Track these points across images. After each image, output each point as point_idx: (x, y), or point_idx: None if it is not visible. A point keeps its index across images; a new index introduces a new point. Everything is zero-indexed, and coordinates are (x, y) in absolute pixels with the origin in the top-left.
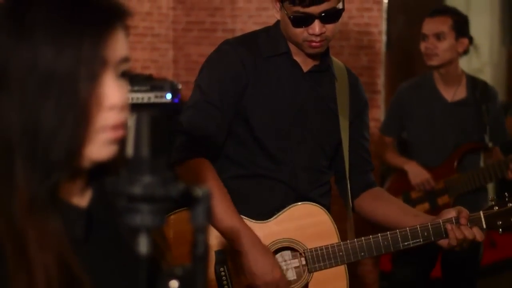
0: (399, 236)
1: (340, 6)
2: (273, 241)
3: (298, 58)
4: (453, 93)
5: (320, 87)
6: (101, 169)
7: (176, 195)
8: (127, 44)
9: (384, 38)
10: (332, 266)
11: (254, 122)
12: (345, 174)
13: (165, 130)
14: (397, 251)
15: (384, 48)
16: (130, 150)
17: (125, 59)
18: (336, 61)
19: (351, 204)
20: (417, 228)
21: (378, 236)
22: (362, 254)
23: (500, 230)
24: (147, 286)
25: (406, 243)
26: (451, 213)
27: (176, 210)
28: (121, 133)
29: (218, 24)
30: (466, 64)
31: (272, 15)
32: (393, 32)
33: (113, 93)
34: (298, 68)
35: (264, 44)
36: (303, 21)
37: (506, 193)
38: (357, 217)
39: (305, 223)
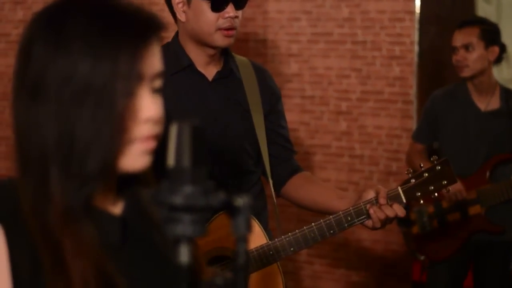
0: (324, 226)
1: None
2: (205, 252)
3: (202, 68)
4: (487, 103)
5: (229, 92)
6: (131, 177)
7: (217, 204)
8: (161, 58)
9: (416, 48)
10: (265, 266)
11: None
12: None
13: (205, 140)
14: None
15: (416, 58)
16: (171, 160)
17: (160, 74)
18: (240, 59)
19: (275, 200)
20: (340, 215)
21: (304, 229)
22: (292, 249)
23: (421, 201)
24: None
25: (332, 231)
26: (370, 194)
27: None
28: (154, 145)
29: (249, 35)
30: (497, 74)
31: (304, 25)
32: (425, 42)
33: (148, 107)
34: (203, 78)
35: (167, 61)
36: (220, 3)
37: (421, 164)
38: None
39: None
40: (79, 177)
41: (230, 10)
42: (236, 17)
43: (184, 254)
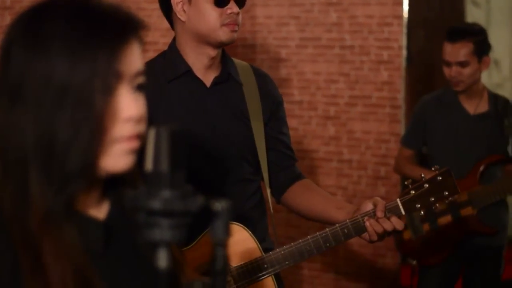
0: (320, 239)
1: None
2: (199, 264)
3: (200, 74)
4: (475, 107)
5: (228, 98)
6: (117, 180)
7: (195, 209)
8: (142, 57)
9: (404, 52)
10: (259, 280)
11: None
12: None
13: (184, 144)
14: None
15: (404, 62)
16: (149, 164)
17: (141, 72)
18: (240, 63)
19: (271, 210)
20: (337, 228)
21: (300, 243)
22: (287, 262)
23: (422, 212)
24: None
25: (328, 244)
26: (368, 206)
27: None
28: (136, 144)
29: (238, 40)
30: (487, 78)
31: (292, 30)
32: (413, 47)
33: (128, 106)
34: (201, 84)
35: (164, 69)
36: (224, 0)
37: (422, 174)
38: None
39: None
40: (59, 179)
41: (232, 7)
42: (238, 13)
43: (162, 259)
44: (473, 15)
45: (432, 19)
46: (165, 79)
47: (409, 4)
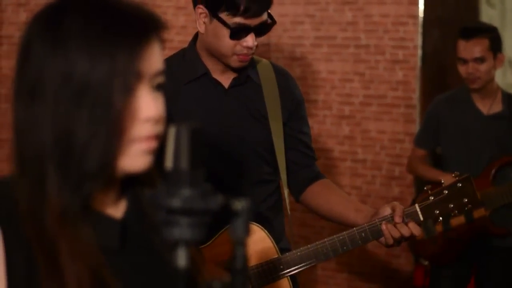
0: (337, 242)
1: (269, 20)
2: (218, 262)
3: (218, 76)
4: (489, 107)
5: (246, 99)
6: (135, 180)
7: (215, 208)
8: (162, 57)
9: (419, 52)
10: (275, 281)
11: None
12: (287, 175)
13: (203, 143)
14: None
15: (419, 62)
16: (169, 162)
17: (161, 72)
18: (261, 61)
19: (289, 210)
20: (354, 231)
21: (316, 245)
22: (303, 264)
23: (440, 218)
24: None
25: (345, 248)
26: (386, 211)
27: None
28: (155, 144)
29: None
30: (500, 78)
31: (307, 29)
32: (429, 47)
33: (147, 106)
34: (219, 86)
35: (181, 70)
36: (241, 32)
37: (442, 180)
38: None
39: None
40: (77, 178)
41: (249, 40)
42: (256, 45)
43: (182, 258)
44: (487, 15)
45: (447, 19)
46: (183, 80)
47: (425, 4)
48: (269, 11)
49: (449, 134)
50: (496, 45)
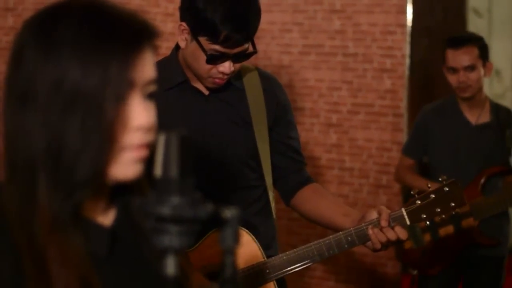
0: (323, 246)
1: (251, 49)
2: (199, 269)
3: (197, 83)
4: (477, 117)
5: (227, 104)
6: (124, 187)
7: (204, 216)
8: (154, 65)
9: (407, 61)
10: (261, 285)
11: None
12: (273, 180)
13: (193, 151)
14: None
15: (407, 71)
16: (158, 170)
17: (153, 81)
18: (246, 67)
19: (274, 215)
20: (340, 235)
21: (302, 249)
22: (289, 268)
23: (427, 222)
24: None
25: (331, 251)
26: (373, 214)
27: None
28: (146, 153)
29: None
30: (488, 89)
31: (295, 37)
32: (417, 56)
33: (139, 114)
34: (199, 93)
35: (161, 78)
36: (217, 59)
37: (428, 184)
38: None
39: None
40: (67, 185)
41: (226, 66)
42: (233, 71)
43: (170, 266)
44: (475, 24)
45: (435, 28)
46: (162, 87)
47: (413, 13)
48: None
49: (437, 144)
50: (484, 54)
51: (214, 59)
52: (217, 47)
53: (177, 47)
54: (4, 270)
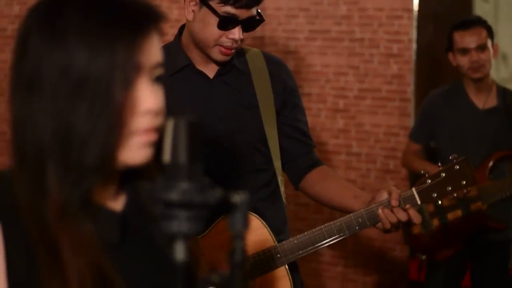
0: (334, 228)
1: (257, 17)
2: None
3: (201, 67)
4: (484, 101)
5: (233, 88)
6: (134, 173)
7: (213, 201)
8: (160, 48)
9: (414, 46)
10: (272, 270)
11: None
12: (282, 163)
13: (202, 136)
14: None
15: (414, 56)
16: (167, 156)
17: (160, 64)
18: (251, 51)
19: (284, 200)
20: (351, 217)
21: (313, 232)
22: (300, 252)
23: (439, 202)
24: None
25: (342, 234)
26: (383, 195)
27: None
28: (155, 137)
29: None
30: (494, 73)
31: (301, 23)
32: (423, 40)
33: (147, 98)
34: (204, 77)
35: (164, 63)
36: (229, 23)
37: (439, 163)
38: None
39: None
40: (77, 171)
41: (236, 32)
42: (241, 39)
43: (180, 251)
44: (481, 9)
45: (441, 13)
46: (167, 73)
47: None
48: (259, 9)
49: (444, 129)
50: (492, 34)
51: (225, 22)
52: (228, 8)
53: (179, 32)
54: (17, 258)
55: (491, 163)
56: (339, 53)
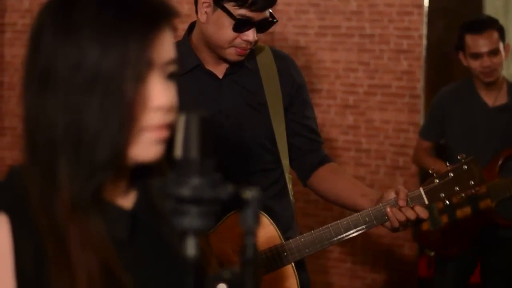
0: (341, 227)
1: (270, 18)
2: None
3: (211, 67)
4: (495, 98)
5: (242, 87)
6: (145, 170)
7: (224, 197)
8: (174, 45)
9: (424, 42)
10: (279, 268)
11: None
12: (290, 160)
13: (214, 132)
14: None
15: (424, 52)
16: (178, 151)
17: (173, 61)
18: (259, 47)
19: (291, 197)
20: (358, 216)
21: (320, 230)
22: (307, 250)
23: (447, 201)
24: None
25: (348, 233)
26: (391, 194)
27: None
28: (166, 134)
29: None
30: (504, 69)
31: (312, 18)
32: (433, 36)
33: (159, 94)
34: (213, 76)
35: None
36: (244, 25)
37: (447, 163)
38: None
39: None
40: (88, 167)
41: (250, 34)
42: (256, 41)
43: (191, 247)
44: (492, 5)
45: (452, 9)
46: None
47: None
48: (271, 10)
49: (454, 126)
50: (503, 36)
51: (241, 25)
52: (243, 11)
53: (189, 31)
54: (26, 253)
55: (501, 161)
56: (349, 49)
